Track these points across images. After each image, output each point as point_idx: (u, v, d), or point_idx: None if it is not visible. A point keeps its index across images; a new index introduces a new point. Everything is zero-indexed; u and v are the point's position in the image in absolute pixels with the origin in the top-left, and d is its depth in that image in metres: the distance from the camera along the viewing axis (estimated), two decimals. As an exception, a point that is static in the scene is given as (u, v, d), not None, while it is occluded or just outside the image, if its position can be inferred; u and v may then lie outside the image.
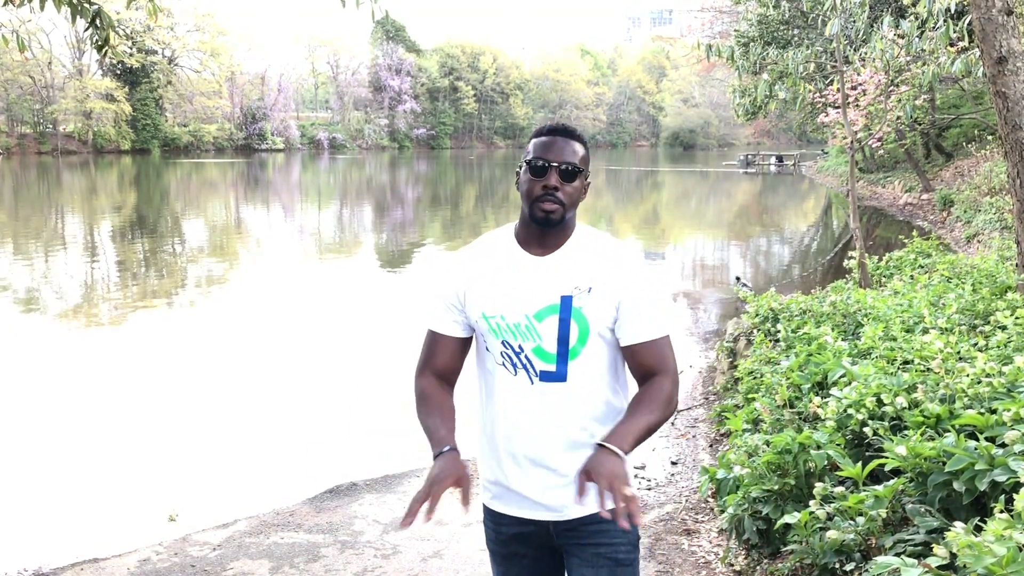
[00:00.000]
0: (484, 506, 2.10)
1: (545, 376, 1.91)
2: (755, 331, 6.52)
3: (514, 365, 1.93)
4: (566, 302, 1.89)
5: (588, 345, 1.91)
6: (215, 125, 65.98)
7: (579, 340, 1.90)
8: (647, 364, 1.92)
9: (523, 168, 1.94)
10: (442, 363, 2.02)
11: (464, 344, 2.03)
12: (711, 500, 4.51)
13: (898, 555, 2.42)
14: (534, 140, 1.96)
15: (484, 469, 2.06)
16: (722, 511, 3.80)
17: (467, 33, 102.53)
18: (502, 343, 1.93)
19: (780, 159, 51.23)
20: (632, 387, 2.01)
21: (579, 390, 1.92)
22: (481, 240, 2.04)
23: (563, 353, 1.90)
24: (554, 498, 1.94)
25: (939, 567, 2.17)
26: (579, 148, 1.93)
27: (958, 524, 2.19)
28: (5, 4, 4.66)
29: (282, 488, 5.29)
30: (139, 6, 5.15)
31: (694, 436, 6.00)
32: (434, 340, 2.02)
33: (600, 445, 1.76)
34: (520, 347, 1.91)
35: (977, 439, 2.75)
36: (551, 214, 1.87)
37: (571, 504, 1.91)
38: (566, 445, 1.92)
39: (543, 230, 1.91)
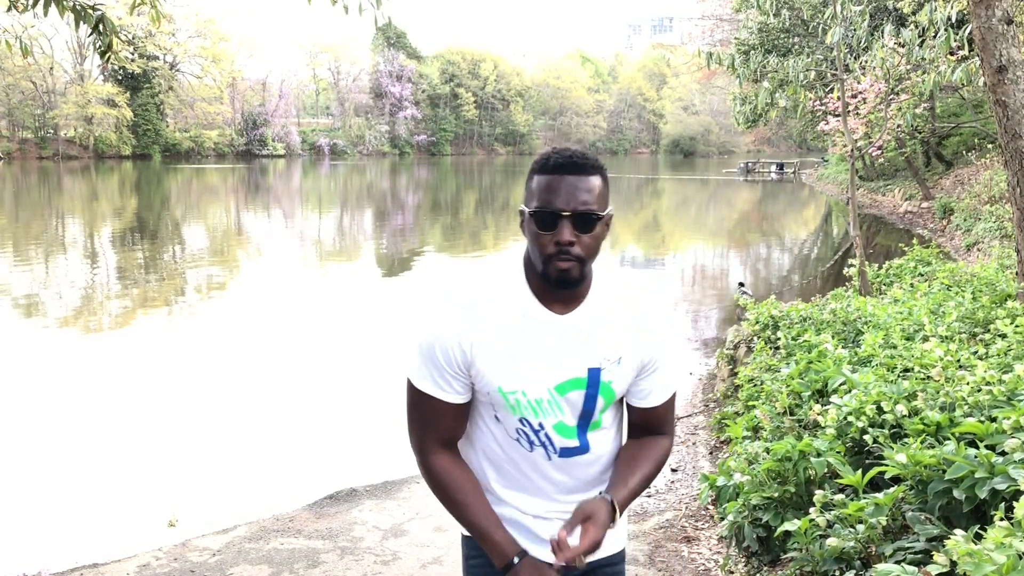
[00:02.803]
0: (467, 539, 1.82)
1: (566, 452, 1.70)
2: (755, 338, 6.52)
3: (531, 443, 1.69)
4: (594, 376, 1.64)
5: (608, 411, 1.73)
6: (216, 131, 66.01)
7: (602, 410, 1.71)
8: (652, 423, 1.79)
9: (526, 216, 1.58)
10: (447, 430, 1.70)
11: (468, 407, 1.72)
12: (711, 507, 4.50)
13: (898, 563, 2.43)
14: (537, 178, 1.57)
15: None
16: (722, 518, 3.80)
17: (468, 40, 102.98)
18: (519, 420, 1.66)
19: (780, 167, 51.35)
20: None
21: (600, 455, 1.75)
22: (488, 281, 1.66)
23: (583, 426, 1.69)
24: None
25: (939, 575, 2.17)
26: (595, 183, 1.56)
27: (958, 532, 2.19)
28: (9, 9, 4.68)
29: (282, 494, 5.29)
30: (142, 12, 5.16)
31: (694, 443, 6.00)
32: (431, 407, 1.67)
33: (608, 503, 1.63)
34: (540, 424, 1.66)
35: (977, 447, 2.76)
36: (567, 272, 1.55)
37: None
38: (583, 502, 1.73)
39: (560, 290, 1.62)
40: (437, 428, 1.69)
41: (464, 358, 1.62)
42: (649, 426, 1.79)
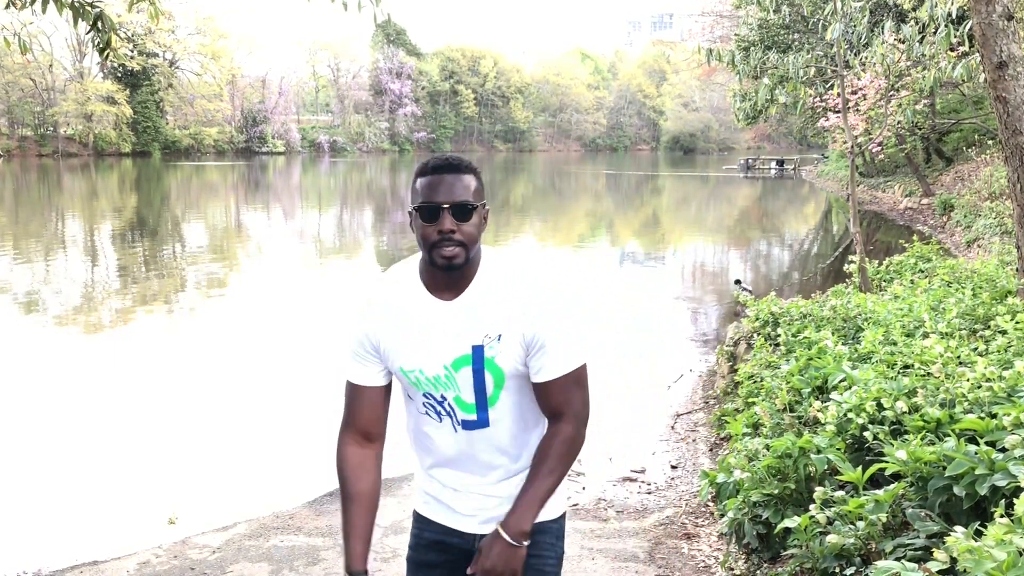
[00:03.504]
0: (414, 511, 2.08)
1: (468, 425, 1.88)
2: (755, 335, 6.52)
3: (438, 414, 1.89)
4: (478, 352, 1.82)
5: (505, 388, 1.86)
6: (216, 128, 65.97)
7: (496, 387, 1.85)
8: (551, 403, 1.86)
9: (413, 213, 1.82)
10: (367, 417, 1.93)
11: (387, 391, 1.95)
12: (711, 504, 4.50)
13: (898, 560, 2.42)
14: (419, 180, 1.82)
15: (418, 477, 2.04)
16: (722, 515, 3.80)
17: (467, 37, 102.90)
18: (424, 395, 1.88)
19: (780, 163, 51.29)
20: None
21: (504, 430, 1.90)
22: (387, 280, 1.93)
23: (482, 402, 1.86)
24: (485, 514, 1.93)
25: (939, 572, 2.16)
26: (470, 181, 1.82)
27: (958, 529, 2.19)
28: (7, 7, 4.66)
29: (282, 491, 5.28)
30: (140, 9, 5.15)
31: (694, 440, 6.00)
32: (355, 393, 1.93)
33: (498, 534, 1.80)
34: (443, 396, 1.87)
35: (977, 443, 2.75)
36: (453, 259, 1.77)
37: (501, 518, 1.90)
38: (497, 477, 1.92)
39: (448, 274, 1.82)
40: (358, 416, 1.93)
41: (372, 344, 1.89)
42: (547, 404, 1.87)
